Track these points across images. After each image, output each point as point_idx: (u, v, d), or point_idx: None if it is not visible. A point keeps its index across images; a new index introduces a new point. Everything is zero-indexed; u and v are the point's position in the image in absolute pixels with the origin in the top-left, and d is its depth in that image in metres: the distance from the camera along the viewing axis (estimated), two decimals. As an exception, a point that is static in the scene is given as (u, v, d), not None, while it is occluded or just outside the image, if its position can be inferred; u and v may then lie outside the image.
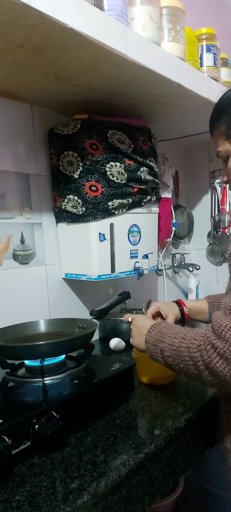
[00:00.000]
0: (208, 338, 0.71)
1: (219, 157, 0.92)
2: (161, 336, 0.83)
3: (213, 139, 0.93)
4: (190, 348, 0.74)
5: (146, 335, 0.88)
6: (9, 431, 0.67)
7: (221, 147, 0.89)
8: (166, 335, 0.81)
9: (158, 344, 0.83)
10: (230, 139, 0.87)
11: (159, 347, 0.83)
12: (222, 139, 0.89)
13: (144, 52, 1.06)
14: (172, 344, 0.79)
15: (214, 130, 0.91)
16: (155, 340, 0.85)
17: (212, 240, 1.98)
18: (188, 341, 0.76)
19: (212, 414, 0.90)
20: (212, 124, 0.92)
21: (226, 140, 0.88)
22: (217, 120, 0.89)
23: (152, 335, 0.87)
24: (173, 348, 0.79)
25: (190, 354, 0.74)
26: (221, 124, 0.88)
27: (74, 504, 0.58)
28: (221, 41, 1.65)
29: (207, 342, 0.71)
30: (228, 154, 0.88)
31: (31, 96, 1.24)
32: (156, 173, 1.43)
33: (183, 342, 0.77)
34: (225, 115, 0.87)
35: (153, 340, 0.85)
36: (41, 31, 0.85)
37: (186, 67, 1.27)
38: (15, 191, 1.25)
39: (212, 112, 0.92)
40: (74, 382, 0.86)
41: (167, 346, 0.80)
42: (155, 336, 0.85)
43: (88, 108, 1.31)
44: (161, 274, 1.86)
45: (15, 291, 1.24)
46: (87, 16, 0.88)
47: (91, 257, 1.29)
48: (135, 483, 0.70)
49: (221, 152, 0.90)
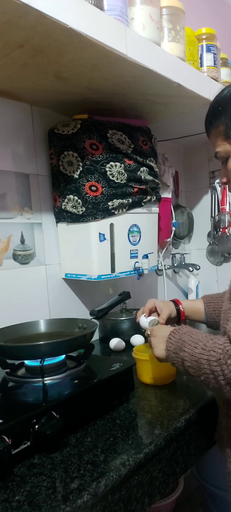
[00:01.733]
0: (227, 352, 0.68)
1: (217, 158, 0.89)
2: (182, 344, 0.80)
3: (210, 139, 0.90)
4: (210, 362, 0.72)
5: (167, 342, 0.84)
6: (9, 431, 0.67)
7: (220, 147, 0.86)
8: (187, 343, 0.78)
9: (179, 352, 0.80)
10: (230, 139, 0.84)
11: (180, 356, 0.79)
12: (221, 139, 0.86)
13: (144, 52, 1.06)
14: (193, 354, 0.76)
15: (212, 130, 0.88)
16: (175, 348, 0.81)
17: (212, 240, 1.98)
18: (208, 353, 0.73)
19: (212, 415, 0.90)
20: (209, 124, 0.89)
21: (226, 141, 0.85)
22: (215, 119, 0.86)
23: (172, 341, 0.83)
24: (193, 359, 0.76)
25: (210, 367, 0.72)
26: (220, 124, 0.85)
27: (74, 504, 0.58)
28: (221, 41, 1.65)
29: (227, 356, 0.68)
30: (228, 154, 0.85)
31: (31, 96, 1.24)
32: (156, 173, 1.43)
33: (203, 354, 0.74)
34: (224, 115, 0.83)
35: (174, 348, 0.82)
36: (41, 31, 0.85)
37: (186, 67, 1.27)
38: (15, 191, 1.25)
39: (209, 112, 0.89)
40: (74, 382, 0.86)
41: (188, 356, 0.77)
42: (176, 343, 0.82)
43: (88, 108, 1.31)
44: (161, 274, 1.86)
45: (15, 291, 1.24)
46: (87, 16, 0.88)
47: (91, 257, 1.29)
48: (135, 483, 0.70)
49: (220, 153, 0.87)
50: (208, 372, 0.72)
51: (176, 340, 0.82)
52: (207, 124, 0.90)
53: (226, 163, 0.87)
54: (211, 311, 1.09)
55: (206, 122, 0.90)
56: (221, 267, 1.99)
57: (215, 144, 0.88)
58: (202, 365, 0.73)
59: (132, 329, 1.40)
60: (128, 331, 1.40)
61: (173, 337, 0.83)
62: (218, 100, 0.86)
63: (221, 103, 0.85)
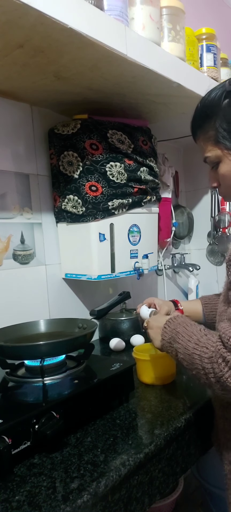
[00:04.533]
0: (219, 350, 0.68)
1: (206, 163, 0.87)
2: (176, 335, 0.80)
3: (198, 143, 0.88)
4: (202, 358, 0.72)
5: (162, 331, 0.85)
6: (9, 431, 0.67)
7: (210, 153, 0.84)
8: (181, 335, 0.79)
9: (173, 343, 0.81)
10: (220, 144, 0.81)
11: (174, 347, 0.80)
12: (210, 144, 0.84)
13: (144, 52, 1.06)
14: (186, 347, 0.76)
15: (200, 135, 0.86)
16: (170, 338, 0.82)
17: (212, 240, 1.98)
18: (200, 348, 0.73)
19: (212, 415, 0.90)
20: (197, 128, 0.86)
21: (216, 146, 0.82)
22: (204, 124, 0.83)
23: (167, 331, 0.84)
24: (187, 352, 0.76)
25: (202, 364, 0.72)
26: (209, 129, 0.82)
27: (74, 504, 0.58)
28: (221, 41, 1.65)
29: (218, 354, 0.69)
30: (219, 159, 0.83)
31: (31, 96, 1.24)
32: (156, 173, 1.43)
33: (196, 349, 0.74)
34: (213, 119, 0.81)
35: (168, 337, 0.83)
36: (41, 31, 0.85)
37: (186, 67, 1.27)
38: (15, 191, 1.25)
39: (196, 116, 0.86)
40: (74, 382, 0.86)
41: (181, 348, 0.78)
42: (170, 333, 0.83)
43: (88, 108, 1.31)
44: (161, 274, 1.86)
45: (15, 291, 1.24)
46: (87, 16, 0.88)
47: (91, 257, 1.29)
48: (135, 483, 0.70)
49: (211, 158, 0.85)
50: (199, 368, 0.73)
51: (171, 330, 0.83)
52: (195, 128, 0.87)
53: (217, 168, 0.85)
54: (208, 312, 1.09)
55: (194, 127, 0.88)
56: (221, 267, 1.99)
57: (205, 149, 0.86)
58: (194, 360, 0.74)
59: (132, 329, 1.40)
60: (128, 331, 1.40)
61: (168, 326, 0.84)
62: (206, 103, 0.84)
63: (210, 107, 0.83)
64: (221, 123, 0.80)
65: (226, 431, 0.83)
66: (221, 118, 0.81)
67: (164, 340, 0.84)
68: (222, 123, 0.80)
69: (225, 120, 0.80)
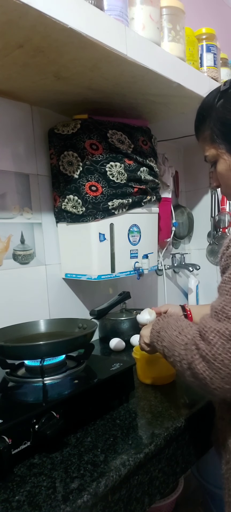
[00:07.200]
0: (194, 338, 0.70)
1: (206, 162, 0.92)
2: (166, 325, 0.82)
3: (199, 144, 0.92)
4: (180, 345, 0.74)
5: (154, 323, 0.87)
6: (9, 431, 0.67)
7: (207, 152, 0.88)
8: (170, 325, 0.80)
9: (161, 332, 0.82)
10: (215, 143, 0.85)
11: (161, 335, 0.82)
12: (207, 144, 0.88)
13: (144, 52, 1.06)
14: (171, 335, 0.78)
15: (199, 136, 0.90)
16: (160, 328, 0.84)
17: (212, 240, 1.98)
18: (181, 336, 0.75)
19: (212, 415, 0.90)
20: (196, 129, 0.91)
21: (212, 145, 0.86)
22: (201, 125, 0.88)
23: (159, 323, 0.85)
24: (170, 340, 0.78)
25: (179, 350, 0.74)
26: (205, 130, 0.87)
27: (74, 504, 0.58)
28: (221, 41, 1.65)
29: (192, 342, 0.70)
30: (215, 158, 0.87)
31: (31, 96, 1.24)
32: (156, 173, 1.43)
33: (178, 337, 0.76)
34: (208, 120, 0.85)
35: (158, 327, 0.84)
36: (41, 31, 0.85)
37: (186, 67, 1.27)
38: (15, 191, 1.25)
39: (196, 118, 0.91)
40: (74, 382, 0.86)
41: (167, 337, 0.79)
42: (162, 324, 0.84)
43: (88, 108, 1.31)
44: (161, 274, 1.86)
45: (15, 291, 1.24)
46: (87, 16, 0.88)
47: (91, 257, 1.29)
48: (135, 483, 0.70)
49: (209, 157, 0.89)
50: (176, 354, 0.74)
51: (163, 321, 0.85)
52: (195, 130, 0.92)
53: (215, 167, 0.89)
54: None
55: (195, 128, 0.92)
56: (221, 267, 1.98)
57: (204, 149, 0.90)
58: (174, 347, 0.75)
59: (132, 329, 1.40)
60: (128, 331, 1.40)
61: (162, 319, 0.86)
62: (202, 106, 0.89)
63: (205, 109, 0.87)
64: (216, 123, 0.84)
65: (223, 431, 0.83)
66: (215, 119, 0.84)
67: (154, 329, 0.86)
68: (216, 123, 0.84)
69: (219, 121, 0.84)
